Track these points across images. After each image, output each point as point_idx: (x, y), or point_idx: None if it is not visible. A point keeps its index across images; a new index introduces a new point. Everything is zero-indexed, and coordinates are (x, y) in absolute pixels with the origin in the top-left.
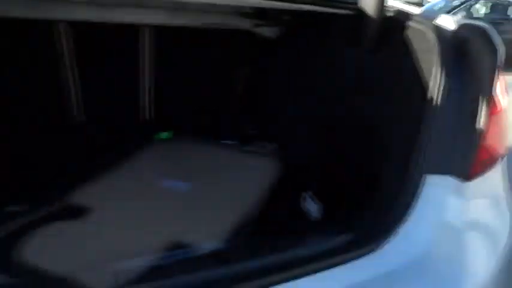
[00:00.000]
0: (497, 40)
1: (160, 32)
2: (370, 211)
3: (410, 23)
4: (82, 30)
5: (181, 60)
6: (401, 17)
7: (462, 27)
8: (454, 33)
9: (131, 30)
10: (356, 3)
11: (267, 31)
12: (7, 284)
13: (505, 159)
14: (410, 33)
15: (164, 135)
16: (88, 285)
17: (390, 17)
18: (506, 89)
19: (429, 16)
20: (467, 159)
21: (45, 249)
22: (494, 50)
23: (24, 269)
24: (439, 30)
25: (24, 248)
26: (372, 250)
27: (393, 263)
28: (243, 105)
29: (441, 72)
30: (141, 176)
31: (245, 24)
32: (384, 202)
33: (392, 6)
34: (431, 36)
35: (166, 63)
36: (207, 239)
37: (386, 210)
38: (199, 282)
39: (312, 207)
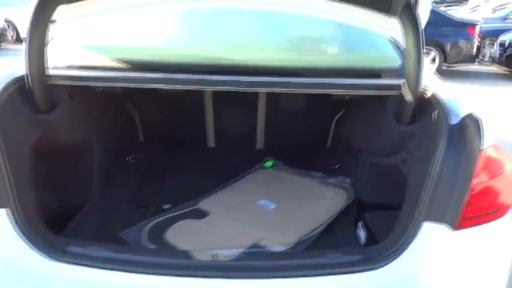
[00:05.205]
0: (485, 129)
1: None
2: (384, 242)
3: (436, 106)
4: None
5: (286, 107)
6: (432, 100)
7: (468, 116)
8: (462, 119)
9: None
10: (400, 87)
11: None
12: (157, 249)
13: None
14: (434, 114)
15: (268, 163)
16: (197, 257)
17: (424, 98)
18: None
19: (452, 101)
20: (456, 213)
21: (179, 234)
22: (480, 136)
23: (168, 244)
24: (451, 115)
25: (168, 231)
26: (374, 268)
27: (388, 279)
28: (331, 145)
29: (443, 146)
30: (245, 194)
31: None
32: (393, 237)
33: (429, 88)
34: (444, 120)
35: (275, 109)
36: (277, 243)
37: (393, 243)
38: (261, 266)
39: (362, 234)
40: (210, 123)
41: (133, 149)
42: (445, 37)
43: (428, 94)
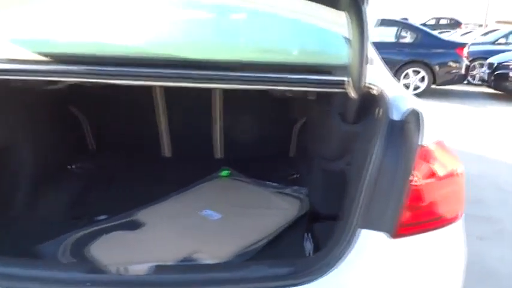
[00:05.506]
0: (424, 123)
1: (227, 93)
2: (317, 254)
3: (380, 104)
4: (172, 92)
5: (244, 116)
6: (377, 97)
7: (409, 111)
8: (403, 115)
9: (207, 91)
10: (344, 84)
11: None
12: (64, 264)
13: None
14: (377, 112)
15: (224, 173)
16: (111, 272)
17: (369, 95)
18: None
19: (397, 98)
20: (394, 219)
21: (105, 247)
22: (419, 130)
23: (88, 258)
24: (393, 112)
25: (93, 245)
26: (300, 284)
27: None
28: (293, 155)
29: (380, 145)
30: (190, 204)
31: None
32: (327, 248)
33: (375, 86)
34: (385, 117)
35: (233, 117)
36: (212, 256)
37: (325, 255)
38: (166, 281)
39: (308, 245)
40: (166, 133)
41: (79, 157)
42: (434, 58)
43: (374, 91)
